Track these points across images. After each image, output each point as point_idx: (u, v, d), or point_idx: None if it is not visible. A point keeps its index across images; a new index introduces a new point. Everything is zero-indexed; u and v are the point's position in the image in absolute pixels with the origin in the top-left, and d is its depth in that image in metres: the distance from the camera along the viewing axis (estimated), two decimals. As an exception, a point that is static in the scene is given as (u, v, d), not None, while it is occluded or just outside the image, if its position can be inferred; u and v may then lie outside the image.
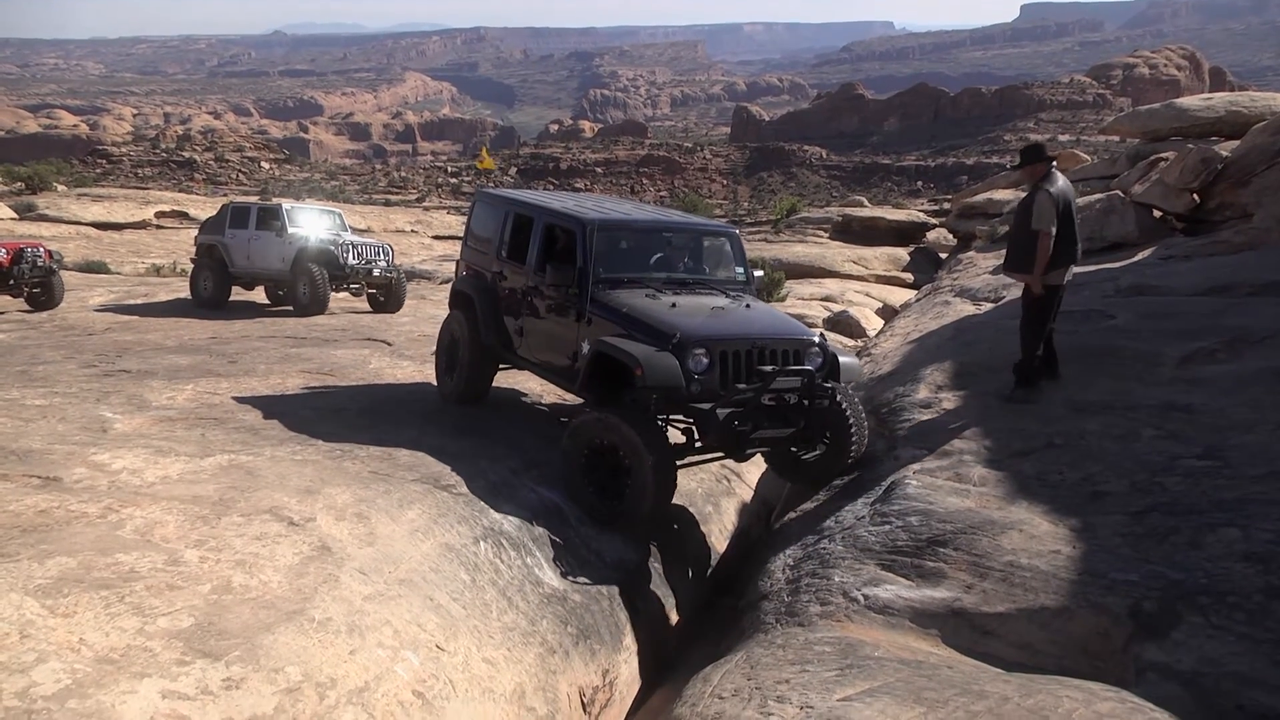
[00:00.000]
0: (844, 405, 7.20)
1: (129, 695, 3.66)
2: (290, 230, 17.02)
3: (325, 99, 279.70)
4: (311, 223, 17.74)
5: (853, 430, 7.27)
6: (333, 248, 16.77)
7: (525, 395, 9.97)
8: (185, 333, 13.30)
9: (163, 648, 4.00)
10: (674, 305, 7.32)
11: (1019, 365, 7.94)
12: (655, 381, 6.53)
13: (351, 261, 16.84)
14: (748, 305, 7.72)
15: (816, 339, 7.25)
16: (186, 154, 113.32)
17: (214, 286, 17.41)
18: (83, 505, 5.41)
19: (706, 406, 6.58)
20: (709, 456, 7.43)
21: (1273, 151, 14.84)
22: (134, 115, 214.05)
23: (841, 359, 7.24)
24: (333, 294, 16.90)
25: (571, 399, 9.12)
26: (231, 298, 17.81)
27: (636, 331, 6.98)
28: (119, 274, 24.16)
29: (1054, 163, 7.88)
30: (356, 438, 7.56)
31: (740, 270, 8.37)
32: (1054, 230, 7.52)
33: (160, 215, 36.26)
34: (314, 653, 4.28)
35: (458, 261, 9.78)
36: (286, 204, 18.33)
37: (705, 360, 6.69)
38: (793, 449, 7.51)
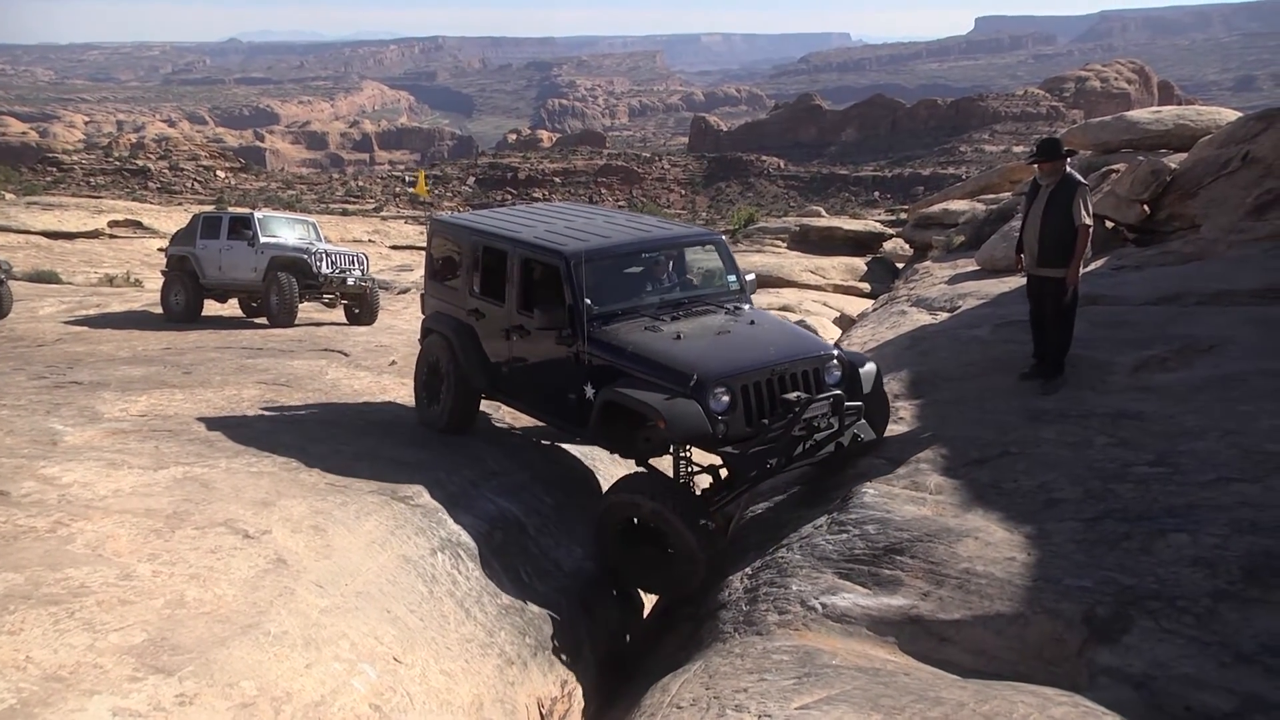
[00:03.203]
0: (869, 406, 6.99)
1: (78, 714, 3.60)
2: (263, 239, 16.63)
3: (282, 107, 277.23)
4: (284, 232, 17.37)
5: (877, 426, 7.20)
6: (305, 256, 16.31)
7: (488, 413, 9.88)
8: (139, 343, 13.12)
9: (114, 664, 3.94)
10: (678, 336, 6.84)
11: (1058, 357, 8.31)
12: (681, 433, 6.18)
13: (324, 270, 16.34)
14: (752, 321, 7.31)
15: (834, 351, 6.95)
16: (140, 162, 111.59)
17: (186, 300, 16.87)
18: (31, 520, 5.32)
19: (735, 451, 6.28)
20: (739, 490, 7.07)
21: (1219, 164, 15.12)
22: (86, 123, 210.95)
23: (861, 370, 6.98)
24: (305, 303, 16.55)
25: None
26: (206, 312, 17.40)
27: (646, 373, 6.55)
28: (70, 284, 23.78)
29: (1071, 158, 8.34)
30: (313, 449, 7.49)
31: (733, 279, 7.92)
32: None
33: (114, 224, 35.75)
34: (269, 667, 4.24)
35: (423, 296, 9.17)
36: (259, 212, 17.93)
37: (726, 399, 6.31)
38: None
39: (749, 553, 6.68)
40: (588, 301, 7.05)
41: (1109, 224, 16.06)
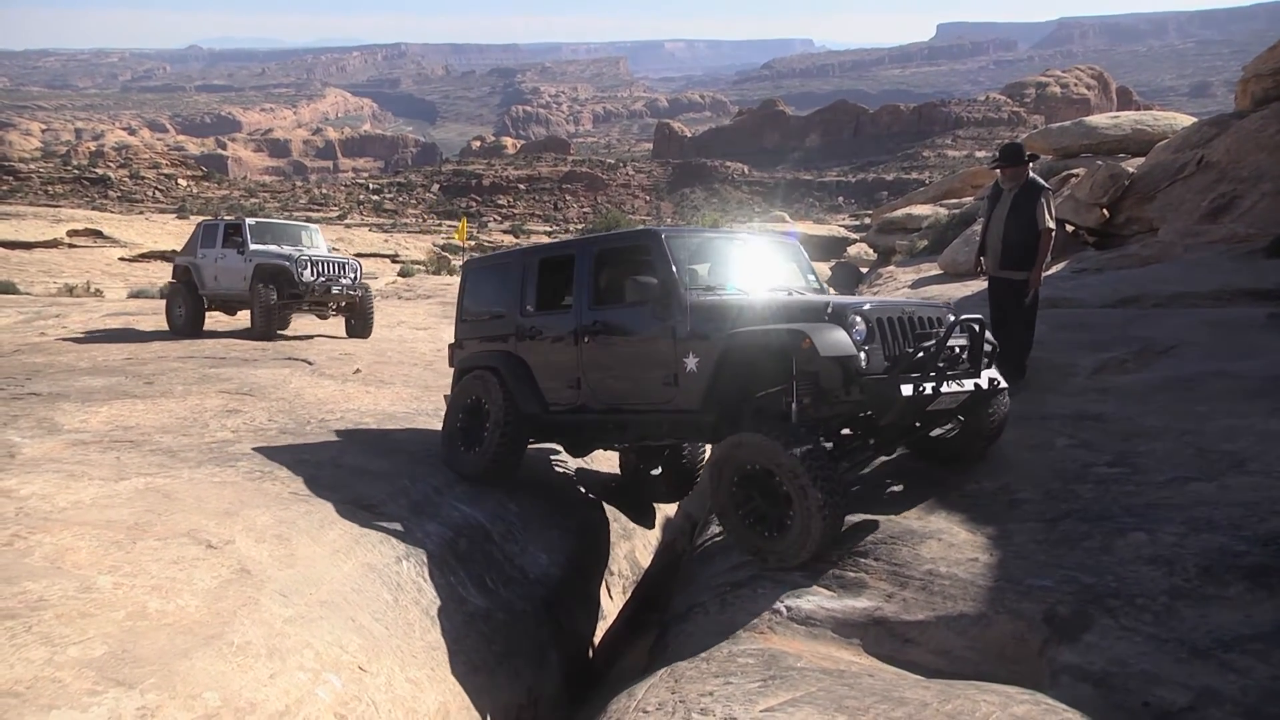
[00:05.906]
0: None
1: (36, 728, 3.55)
2: (252, 247, 16.02)
3: (244, 115, 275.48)
4: (278, 238, 16.77)
5: (996, 400, 6.58)
6: (287, 264, 15.60)
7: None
8: (100, 354, 12.97)
9: (73, 678, 3.89)
10: (790, 293, 6.50)
11: (1019, 359, 8.32)
12: (829, 352, 5.53)
13: (308, 278, 15.64)
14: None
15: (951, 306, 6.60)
16: (100, 171, 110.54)
17: (187, 312, 16.15)
18: (-12, 532, 5.24)
19: (884, 376, 5.73)
20: (877, 447, 6.64)
21: (1175, 168, 15.36)
22: (43, 130, 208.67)
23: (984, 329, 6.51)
24: (297, 313, 16.06)
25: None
26: (226, 324, 16.95)
27: (767, 320, 6.05)
28: (29, 294, 23.51)
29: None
30: (277, 458, 7.44)
31: (812, 278, 7.51)
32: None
33: (73, 234, 35.34)
34: (233, 677, 4.20)
35: (451, 345, 8.76)
36: (251, 219, 17.18)
37: (864, 328, 5.76)
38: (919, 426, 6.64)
39: (714, 557, 6.70)
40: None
41: (1069, 227, 16.28)
